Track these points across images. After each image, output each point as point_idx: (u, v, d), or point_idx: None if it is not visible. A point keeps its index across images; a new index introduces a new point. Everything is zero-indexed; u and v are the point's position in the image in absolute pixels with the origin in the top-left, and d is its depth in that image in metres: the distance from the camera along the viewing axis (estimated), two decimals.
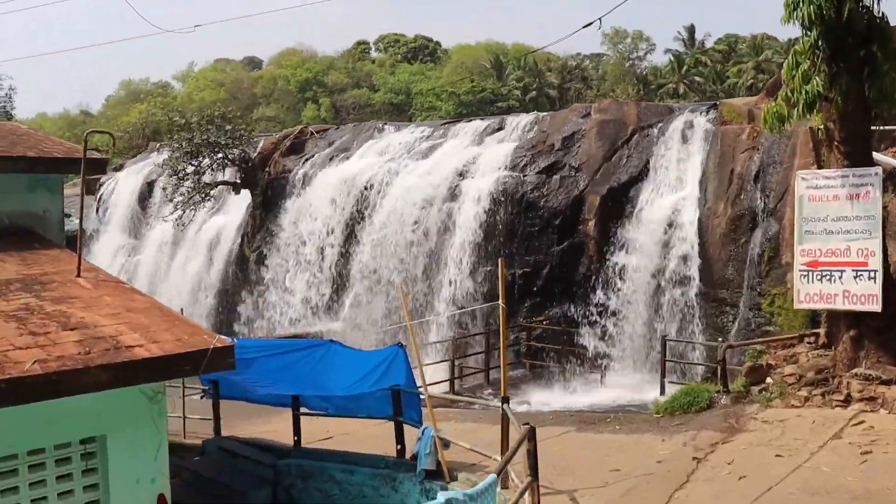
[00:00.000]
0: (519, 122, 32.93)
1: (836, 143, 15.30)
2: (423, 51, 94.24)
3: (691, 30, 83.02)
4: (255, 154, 38.97)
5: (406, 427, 14.10)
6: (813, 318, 22.69)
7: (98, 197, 52.54)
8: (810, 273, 15.16)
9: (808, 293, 15.18)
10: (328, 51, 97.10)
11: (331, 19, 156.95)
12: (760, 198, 25.90)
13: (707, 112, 29.96)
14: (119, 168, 50.65)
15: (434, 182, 31.60)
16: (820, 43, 15.14)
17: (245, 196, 39.06)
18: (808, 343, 16.76)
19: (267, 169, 38.19)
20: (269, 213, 36.86)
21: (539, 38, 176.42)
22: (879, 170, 14.96)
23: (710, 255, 26.48)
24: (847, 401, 14.18)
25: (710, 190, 27.19)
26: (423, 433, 12.97)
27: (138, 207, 45.88)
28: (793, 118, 15.22)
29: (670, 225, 27.43)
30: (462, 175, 31.43)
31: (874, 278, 14.56)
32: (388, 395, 13.86)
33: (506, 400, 12.07)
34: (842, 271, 14.84)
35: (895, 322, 15.15)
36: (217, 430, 18.12)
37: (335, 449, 15.10)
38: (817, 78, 14.98)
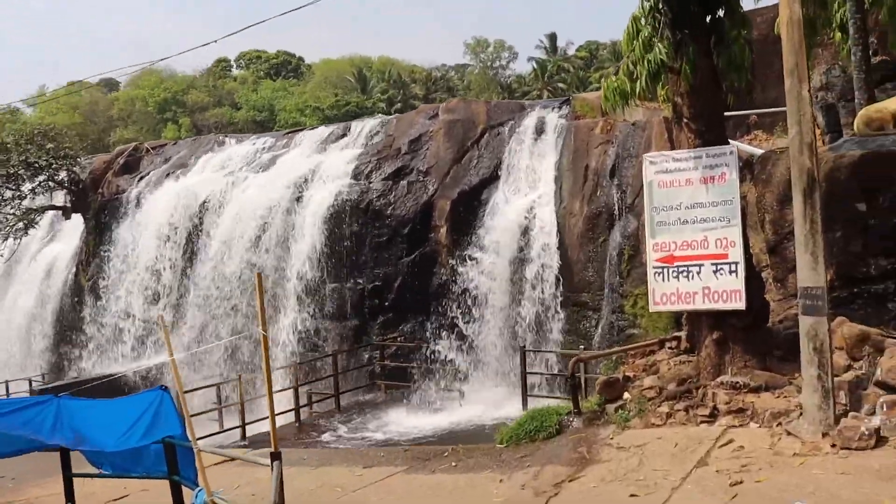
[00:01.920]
0: (364, 128, 30.36)
1: (685, 120, 13.10)
2: (286, 66, 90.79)
3: (553, 37, 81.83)
4: (87, 175, 35.31)
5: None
6: (678, 318, 20.78)
7: None
8: (665, 270, 12.91)
9: (665, 293, 12.91)
10: (188, 70, 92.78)
11: (189, 39, 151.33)
12: (617, 193, 23.96)
13: (560, 108, 27.98)
14: None
15: (273, 196, 28.73)
16: (661, 6, 12.95)
17: (80, 221, 35.41)
18: (670, 349, 14.54)
19: (100, 190, 34.64)
20: (102, 237, 33.32)
21: (405, 52, 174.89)
22: (734, 147, 12.79)
23: (568, 256, 24.39)
24: (713, 415, 11.92)
25: (565, 188, 25.14)
26: (196, 497, 10.19)
27: None
28: (635, 94, 12.95)
29: (526, 227, 25.27)
30: (303, 186, 28.61)
31: (736, 272, 12.38)
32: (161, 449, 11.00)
33: (276, 457, 9.33)
34: (700, 266, 12.63)
35: (760, 319, 13.01)
36: None
37: None
38: (660, 45, 12.78)
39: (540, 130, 26.83)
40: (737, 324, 12.65)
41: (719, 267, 12.52)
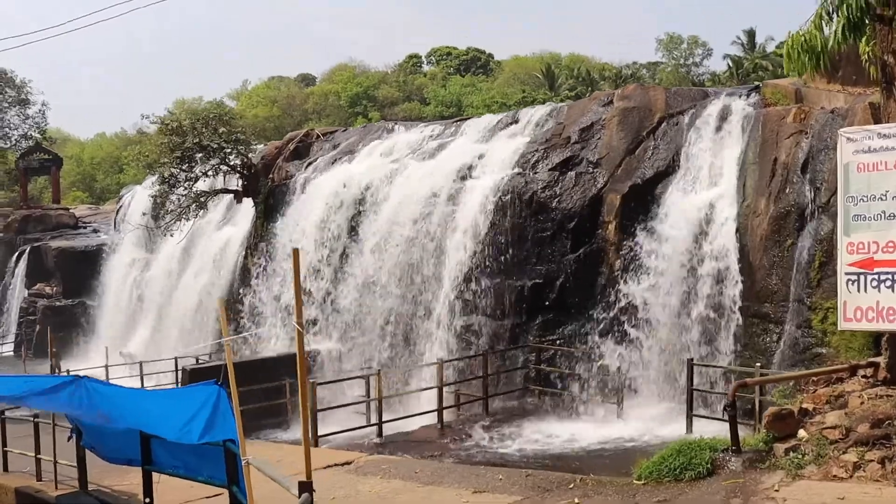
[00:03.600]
0: (533, 115, 27.91)
1: None
2: (476, 63, 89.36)
3: (751, 33, 76.24)
4: (259, 160, 34.53)
5: None
6: (878, 338, 17.32)
7: (116, 210, 49.08)
8: (862, 277, 9.88)
9: (860, 307, 9.90)
10: (380, 66, 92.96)
11: (383, 34, 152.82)
12: (809, 191, 20.53)
13: (748, 95, 24.59)
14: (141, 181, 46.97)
15: (435, 184, 26.71)
16: None
17: (251, 205, 34.72)
18: (864, 378, 11.41)
19: (270, 175, 33.76)
20: (270, 222, 32.34)
21: (596, 49, 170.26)
22: None
23: (750, 261, 21.15)
24: None
25: (749, 184, 21.87)
26: None
27: (151, 220, 41.67)
28: (827, 50, 9.95)
29: (703, 227, 22.12)
30: (465, 175, 26.47)
31: None
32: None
33: (306, 487, 7.13)
34: None
35: None
36: (82, 482, 13.83)
37: None
38: None
39: (724, 119, 23.60)
40: None
41: None
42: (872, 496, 8.52)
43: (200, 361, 32.29)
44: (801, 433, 10.26)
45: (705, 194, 22.62)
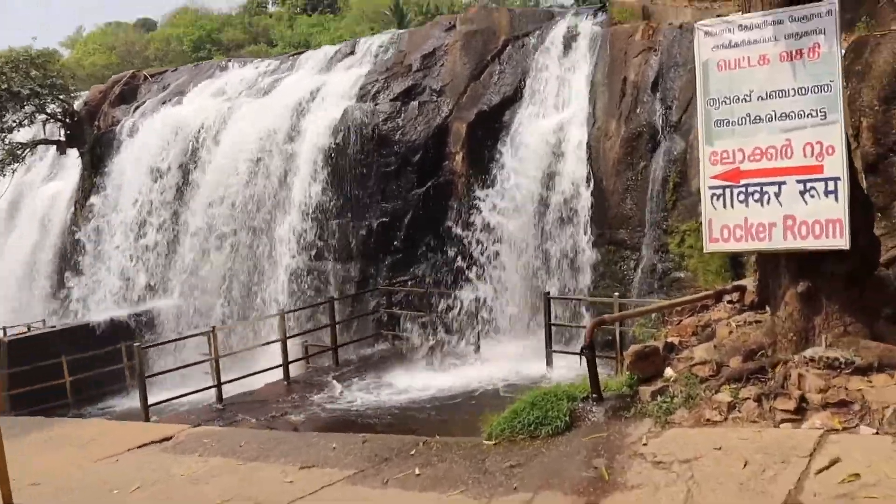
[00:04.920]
0: (372, 44, 25.91)
1: None
2: (322, 1, 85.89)
3: None
4: (82, 107, 31.36)
5: None
6: (736, 259, 16.40)
7: None
8: (728, 191, 8.48)
9: (727, 225, 8.49)
10: (224, 8, 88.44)
11: None
12: (661, 110, 19.45)
13: (594, 15, 23.23)
14: None
15: (270, 123, 24.48)
16: None
17: (76, 156, 31.61)
18: (731, 304, 10.13)
19: (96, 123, 30.73)
20: (98, 173, 29.38)
21: None
22: (835, 4, 8.20)
23: (603, 186, 19.97)
24: (801, 410, 7.57)
25: (599, 106, 20.62)
26: None
27: None
28: None
29: (554, 153, 20.81)
30: (302, 111, 24.33)
31: (835, 192, 7.91)
32: None
33: None
34: (780, 184, 8.18)
35: (867, 263, 8.55)
36: None
37: None
38: None
39: (571, 40, 22.26)
40: (834, 270, 8.22)
41: (810, 186, 8.06)
42: (752, 441, 7.19)
43: (33, 329, 29.46)
44: (669, 372, 8.88)
45: (555, 118, 21.30)
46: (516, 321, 20.74)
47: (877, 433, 7.06)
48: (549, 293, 18.66)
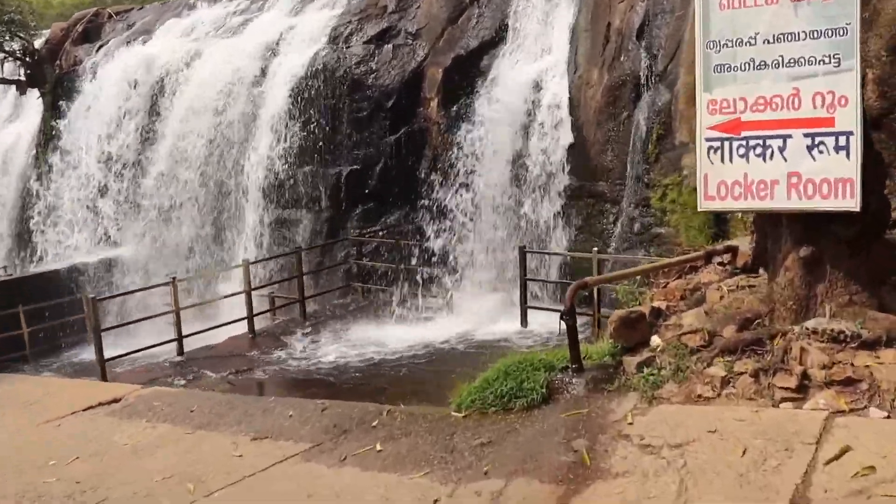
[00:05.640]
0: None
1: None
2: None
3: None
4: (44, 45, 29.92)
5: None
6: (720, 215, 15.59)
7: None
8: (727, 144, 7.63)
9: (725, 181, 7.65)
10: None
11: None
12: (646, 58, 18.42)
13: None
14: None
15: (238, 65, 23.30)
16: None
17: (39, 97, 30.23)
18: (722, 266, 9.34)
19: (57, 62, 29.30)
20: (60, 114, 28.05)
21: None
22: None
23: (583, 136, 19.08)
24: (803, 388, 6.81)
25: (581, 53, 19.61)
26: None
27: None
28: None
29: (533, 101, 19.86)
30: (272, 53, 23.16)
31: (847, 148, 7.08)
32: None
33: None
34: (785, 137, 7.34)
35: (877, 226, 7.77)
36: None
37: None
38: None
39: None
40: (840, 234, 7.42)
41: (818, 140, 7.22)
42: (750, 423, 6.44)
43: None
44: (655, 340, 8.09)
45: (535, 65, 20.30)
46: (490, 275, 19.93)
47: (888, 417, 6.32)
48: (524, 246, 17.86)
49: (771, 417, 6.51)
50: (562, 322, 7.86)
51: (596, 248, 16.73)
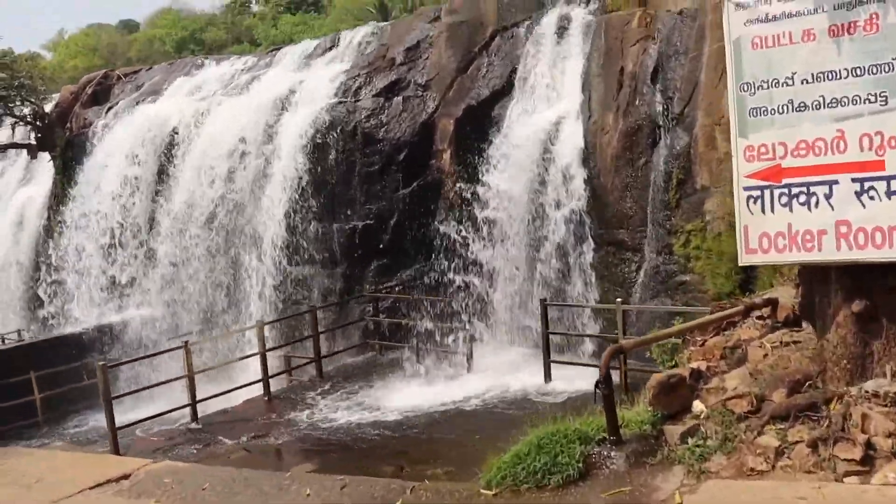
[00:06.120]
0: (354, 37, 24.41)
1: None
2: (306, 1, 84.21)
3: None
4: (53, 108, 29.76)
5: None
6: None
7: None
8: (767, 192, 7.06)
9: (767, 233, 7.07)
10: (206, 7, 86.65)
11: None
12: (661, 101, 17.98)
13: (587, 3, 21.75)
14: None
15: (246, 122, 22.94)
16: None
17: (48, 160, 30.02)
18: (762, 320, 8.71)
19: (67, 125, 29.09)
20: (70, 177, 27.75)
21: None
22: None
23: (601, 184, 18.55)
24: (868, 460, 6.16)
25: (595, 98, 19.14)
26: None
27: None
28: None
29: (547, 148, 19.35)
30: (281, 109, 22.82)
31: None
32: None
33: None
34: (831, 183, 6.77)
35: None
36: None
37: None
38: None
39: (563, 29, 20.77)
40: None
41: (868, 185, 6.65)
42: (812, 501, 5.77)
43: (7, 340, 27.95)
44: (698, 406, 7.46)
45: (548, 112, 19.88)
46: (510, 328, 19.34)
47: None
48: (545, 299, 17.23)
49: (836, 494, 5.86)
50: (596, 389, 7.22)
51: (620, 299, 16.11)
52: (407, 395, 17.47)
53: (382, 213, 21.01)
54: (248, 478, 9.68)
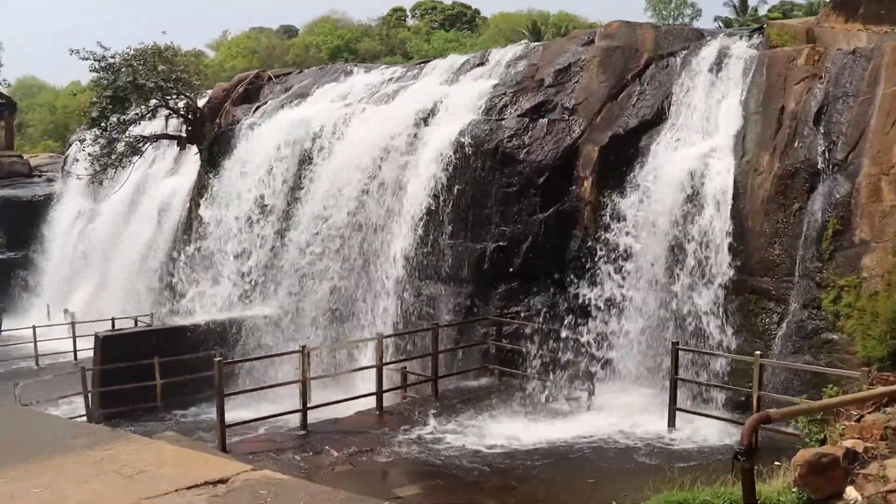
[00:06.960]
0: (505, 55, 23.88)
1: None
2: (461, 18, 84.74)
3: None
4: (206, 103, 30.44)
5: None
6: None
7: (64, 158, 44.95)
8: None
9: None
10: (363, 18, 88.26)
11: None
12: (823, 145, 16.77)
13: (749, 36, 20.64)
14: None
15: (389, 132, 22.72)
16: None
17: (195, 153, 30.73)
18: None
19: (217, 120, 29.69)
20: (215, 172, 28.25)
21: (585, 8, 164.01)
22: None
23: (748, 226, 17.45)
24: None
25: (750, 137, 18.08)
26: None
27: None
28: None
29: (694, 185, 18.32)
30: (424, 122, 22.50)
31: None
32: None
33: None
34: None
35: None
36: None
37: None
38: None
39: (722, 62, 19.68)
40: None
41: None
42: None
43: (140, 323, 28.66)
44: (851, 493, 6.49)
45: (698, 148, 18.82)
46: (637, 368, 18.35)
47: None
48: (676, 342, 16.23)
49: None
50: (735, 461, 6.34)
51: (759, 352, 14.96)
52: (521, 426, 16.76)
53: (517, 235, 20.36)
54: (347, 499, 9.11)
